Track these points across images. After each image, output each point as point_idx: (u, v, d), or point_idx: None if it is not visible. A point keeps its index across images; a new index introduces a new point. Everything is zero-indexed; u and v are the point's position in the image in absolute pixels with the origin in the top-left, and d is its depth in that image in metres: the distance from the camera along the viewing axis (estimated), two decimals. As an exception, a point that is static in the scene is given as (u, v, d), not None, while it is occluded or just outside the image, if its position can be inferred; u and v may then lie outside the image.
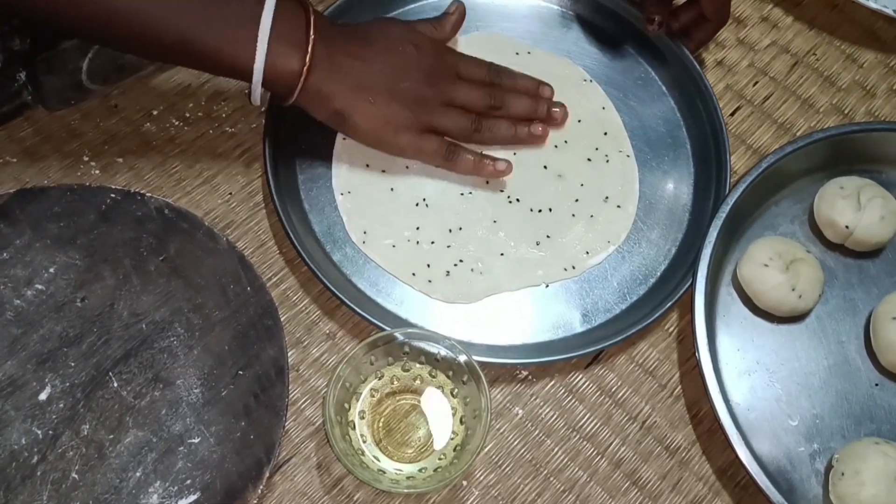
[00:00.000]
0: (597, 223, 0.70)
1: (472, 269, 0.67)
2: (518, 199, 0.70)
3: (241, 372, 0.60)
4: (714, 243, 0.67)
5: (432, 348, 0.61)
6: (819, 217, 0.70)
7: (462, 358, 0.59)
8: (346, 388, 0.60)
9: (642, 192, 0.72)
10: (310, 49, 0.61)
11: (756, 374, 0.66)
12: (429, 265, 0.67)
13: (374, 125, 0.65)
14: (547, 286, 0.68)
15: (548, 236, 0.69)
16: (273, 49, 0.60)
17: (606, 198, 0.71)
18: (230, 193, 0.70)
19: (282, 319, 0.64)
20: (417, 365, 0.62)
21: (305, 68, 0.61)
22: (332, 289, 0.63)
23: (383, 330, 0.61)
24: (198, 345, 0.60)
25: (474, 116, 0.68)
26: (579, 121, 0.73)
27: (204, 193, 0.69)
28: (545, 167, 0.71)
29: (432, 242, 0.68)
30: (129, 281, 0.62)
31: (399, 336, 0.60)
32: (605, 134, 0.73)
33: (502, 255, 0.68)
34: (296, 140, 0.70)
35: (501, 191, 0.70)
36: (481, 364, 0.59)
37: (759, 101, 0.77)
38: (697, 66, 0.74)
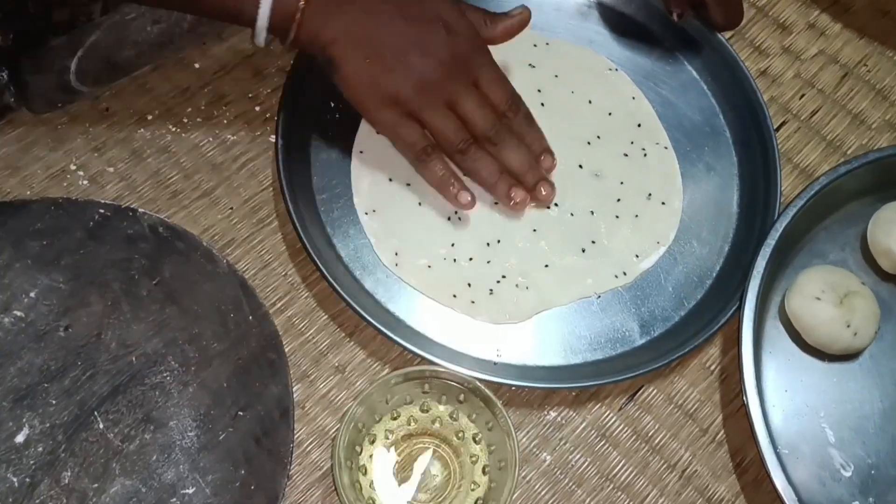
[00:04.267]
0: (642, 223, 0.65)
1: (516, 285, 0.61)
2: (556, 204, 0.64)
3: (241, 413, 0.54)
4: (762, 274, 0.61)
5: (454, 388, 0.55)
6: (873, 245, 0.64)
7: (487, 401, 0.54)
8: (357, 428, 0.54)
9: (686, 185, 0.67)
10: None
11: (805, 417, 0.60)
12: (469, 284, 0.61)
13: (363, 87, 0.58)
14: (598, 297, 0.62)
15: (593, 242, 0.64)
16: None
17: (649, 195, 0.66)
18: (231, 208, 0.64)
19: (287, 350, 0.59)
20: (437, 405, 0.56)
21: (302, 3, 0.55)
22: (358, 309, 0.57)
23: (409, 350, 0.56)
24: (193, 381, 0.54)
25: (468, 136, 0.61)
26: (610, 114, 0.68)
27: (202, 208, 0.63)
28: (580, 166, 0.66)
29: (470, 259, 0.62)
30: (119, 307, 0.56)
31: (418, 374, 0.54)
32: (639, 126, 0.68)
33: (547, 266, 0.62)
34: (306, 153, 0.64)
35: (547, 207, 0.64)
36: (530, 389, 0.53)
37: (807, 115, 0.71)
38: (730, 48, 0.69)
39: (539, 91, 0.68)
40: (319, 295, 0.61)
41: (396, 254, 0.62)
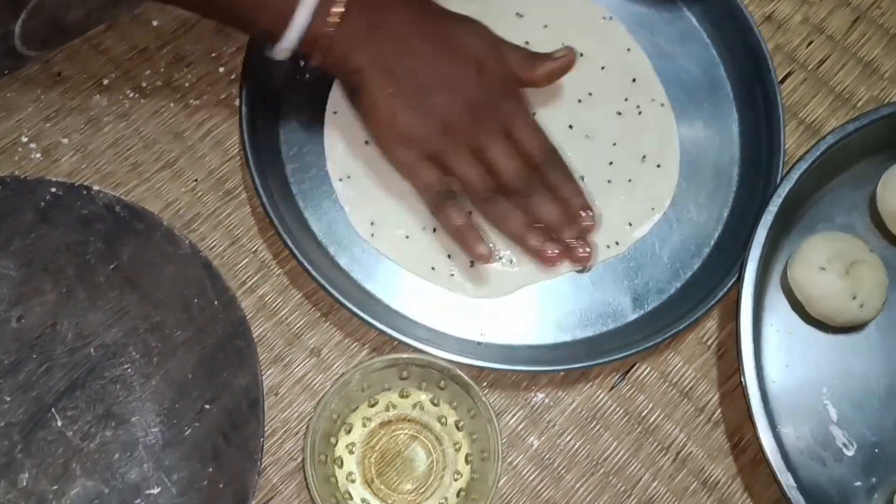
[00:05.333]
0: (636, 188, 0.61)
1: (500, 258, 0.58)
2: None
3: (207, 406, 0.51)
4: (763, 242, 0.57)
5: (434, 374, 0.52)
6: (883, 207, 0.60)
7: (468, 389, 0.50)
8: (332, 419, 0.51)
9: (683, 146, 0.62)
10: (342, 7, 0.50)
11: (806, 394, 0.57)
12: (450, 256, 0.58)
13: (381, 121, 0.54)
14: (588, 270, 0.58)
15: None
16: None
17: (644, 157, 0.61)
18: (196, 180, 0.59)
19: (259, 332, 0.56)
20: (418, 392, 0.53)
21: (331, 28, 0.50)
22: (326, 285, 0.53)
23: (387, 335, 0.53)
24: (156, 373, 0.51)
25: (494, 184, 0.55)
26: (602, 68, 0.63)
27: (165, 180, 0.59)
28: (570, 126, 0.61)
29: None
30: (74, 295, 0.52)
31: (393, 361, 0.51)
32: (634, 81, 0.63)
33: None
34: (277, 119, 0.60)
35: None
36: (516, 373, 0.51)
37: (814, 65, 0.66)
38: None
39: (527, 43, 0.63)
40: (292, 272, 0.57)
41: (372, 223, 0.58)
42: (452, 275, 0.57)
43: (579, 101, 0.62)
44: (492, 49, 0.55)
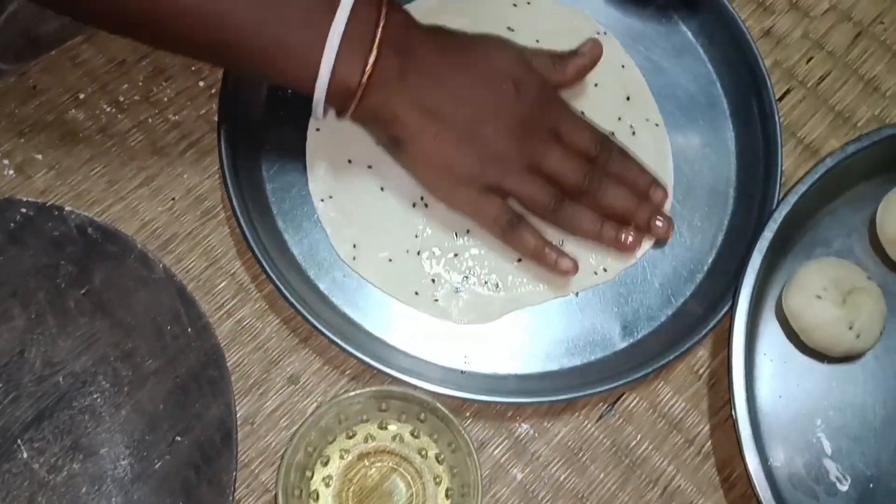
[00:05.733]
0: None
1: (485, 282, 0.56)
2: None
3: (178, 438, 0.49)
4: (758, 270, 0.55)
5: (414, 407, 0.50)
6: (882, 232, 0.58)
7: (448, 422, 0.49)
8: (307, 452, 0.50)
9: (677, 167, 0.60)
10: (373, 56, 0.47)
11: (799, 425, 0.55)
12: (434, 280, 0.56)
13: (434, 167, 0.52)
14: (576, 295, 0.57)
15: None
16: (337, 54, 0.47)
17: None
18: (173, 198, 0.58)
19: (236, 358, 0.54)
20: (398, 423, 0.51)
21: (365, 78, 0.48)
22: (304, 311, 0.52)
23: (367, 364, 0.51)
24: (126, 403, 0.50)
25: (558, 191, 0.54)
26: (596, 85, 0.61)
27: (142, 199, 0.57)
28: None
29: (436, 252, 0.56)
30: (44, 321, 0.51)
31: (373, 394, 0.49)
32: (628, 99, 0.61)
33: (519, 261, 0.56)
34: (258, 135, 0.58)
35: None
36: (502, 405, 0.50)
37: (814, 82, 0.64)
38: (729, 5, 0.61)
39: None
40: (271, 296, 0.56)
41: (354, 246, 0.56)
42: (436, 300, 0.56)
43: (571, 118, 0.60)
44: (521, 62, 0.54)
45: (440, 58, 0.52)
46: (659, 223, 0.56)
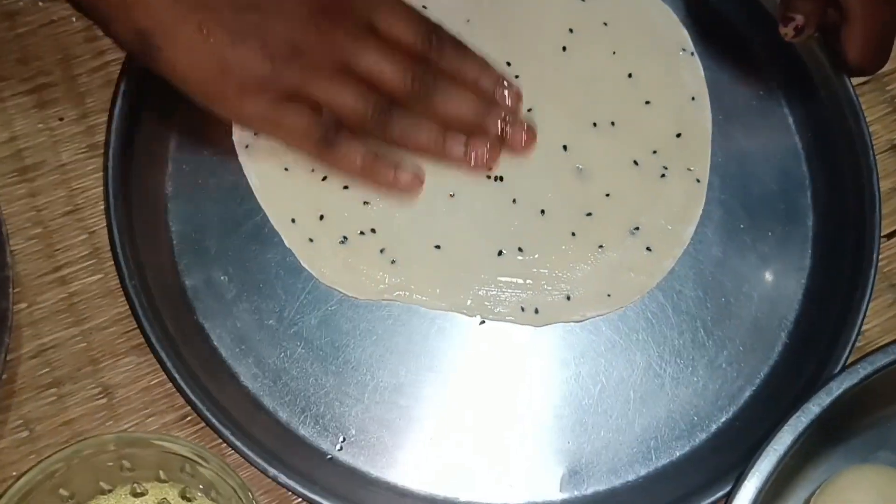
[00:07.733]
0: (619, 273, 0.45)
1: (381, 250, 0.44)
2: (515, 200, 0.46)
3: None
4: (783, 454, 0.38)
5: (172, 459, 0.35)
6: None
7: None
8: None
9: (723, 275, 0.45)
10: None
11: None
12: (322, 216, 0.44)
13: (201, 70, 0.39)
14: (482, 323, 0.44)
15: (519, 248, 0.45)
16: None
17: (636, 228, 0.45)
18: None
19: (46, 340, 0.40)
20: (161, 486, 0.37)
21: None
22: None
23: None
24: None
25: (381, 98, 0.42)
26: (647, 102, 0.47)
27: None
28: (564, 147, 0.46)
29: (345, 187, 0.45)
30: None
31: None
32: (678, 136, 0.47)
33: (438, 248, 0.45)
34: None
35: (488, 177, 0.46)
36: None
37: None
38: (857, 100, 0.45)
39: (571, 30, 0.48)
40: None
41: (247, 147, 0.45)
42: (311, 240, 0.44)
43: (594, 124, 0.47)
44: None
45: None
46: (517, 134, 0.45)
